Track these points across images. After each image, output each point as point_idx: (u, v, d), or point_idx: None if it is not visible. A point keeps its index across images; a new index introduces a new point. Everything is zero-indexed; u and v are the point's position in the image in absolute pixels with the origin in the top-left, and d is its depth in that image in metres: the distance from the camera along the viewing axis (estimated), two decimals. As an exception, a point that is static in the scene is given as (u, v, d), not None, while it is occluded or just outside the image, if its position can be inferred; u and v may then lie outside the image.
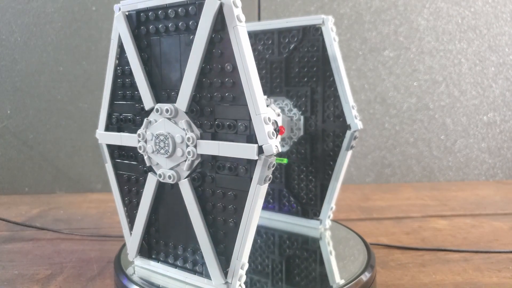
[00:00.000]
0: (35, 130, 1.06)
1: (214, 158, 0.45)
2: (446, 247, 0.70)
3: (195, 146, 0.45)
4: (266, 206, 0.72)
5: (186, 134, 0.45)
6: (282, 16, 1.08)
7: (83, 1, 1.03)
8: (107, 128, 0.54)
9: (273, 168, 0.42)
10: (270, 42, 0.68)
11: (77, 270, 0.62)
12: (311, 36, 0.64)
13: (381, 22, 1.11)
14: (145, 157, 0.50)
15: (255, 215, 0.43)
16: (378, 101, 1.13)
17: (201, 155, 0.46)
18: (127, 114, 0.52)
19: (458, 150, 1.17)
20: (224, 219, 0.46)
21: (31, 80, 1.04)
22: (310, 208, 0.68)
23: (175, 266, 0.51)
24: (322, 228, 0.67)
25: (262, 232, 0.67)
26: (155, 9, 0.47)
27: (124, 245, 0.61)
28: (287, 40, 0.67)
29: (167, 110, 0.46)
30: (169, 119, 0.47)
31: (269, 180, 0.43)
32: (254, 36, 0.70)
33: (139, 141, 0.49)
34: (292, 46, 0.66)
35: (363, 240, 0.62)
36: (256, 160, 0.42)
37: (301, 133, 0.67)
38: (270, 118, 0.41)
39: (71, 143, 1.07)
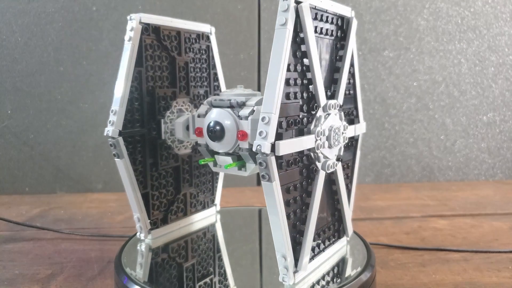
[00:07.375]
0: (35, 130, 1.06)
1: None
2: (446, 247, 0.70)
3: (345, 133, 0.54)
4: None
5: (342, 124, 0.53)
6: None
7: (84, 1, 1.03)
8: (279, 137, 0.45)
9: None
10: None
11: (78, 270, 0.63)
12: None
13: (381, 22, 1.11)
14: (317, 155, 0.49)
15: None
16: (378, 101, 1.13)
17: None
18: (294, 115, 0.47)
19: (457, 150, 1.17)
20: None
21: (31, 80, 1.05)
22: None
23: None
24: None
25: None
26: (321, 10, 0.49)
27: (125, 245, 0.61)
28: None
29: (334, 106, 0.51)
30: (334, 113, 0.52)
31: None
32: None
33: (316, 140, 0.48)
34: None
35: (363, 240, 0.62)
36: None
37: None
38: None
39: (71, 143, 1.07)
